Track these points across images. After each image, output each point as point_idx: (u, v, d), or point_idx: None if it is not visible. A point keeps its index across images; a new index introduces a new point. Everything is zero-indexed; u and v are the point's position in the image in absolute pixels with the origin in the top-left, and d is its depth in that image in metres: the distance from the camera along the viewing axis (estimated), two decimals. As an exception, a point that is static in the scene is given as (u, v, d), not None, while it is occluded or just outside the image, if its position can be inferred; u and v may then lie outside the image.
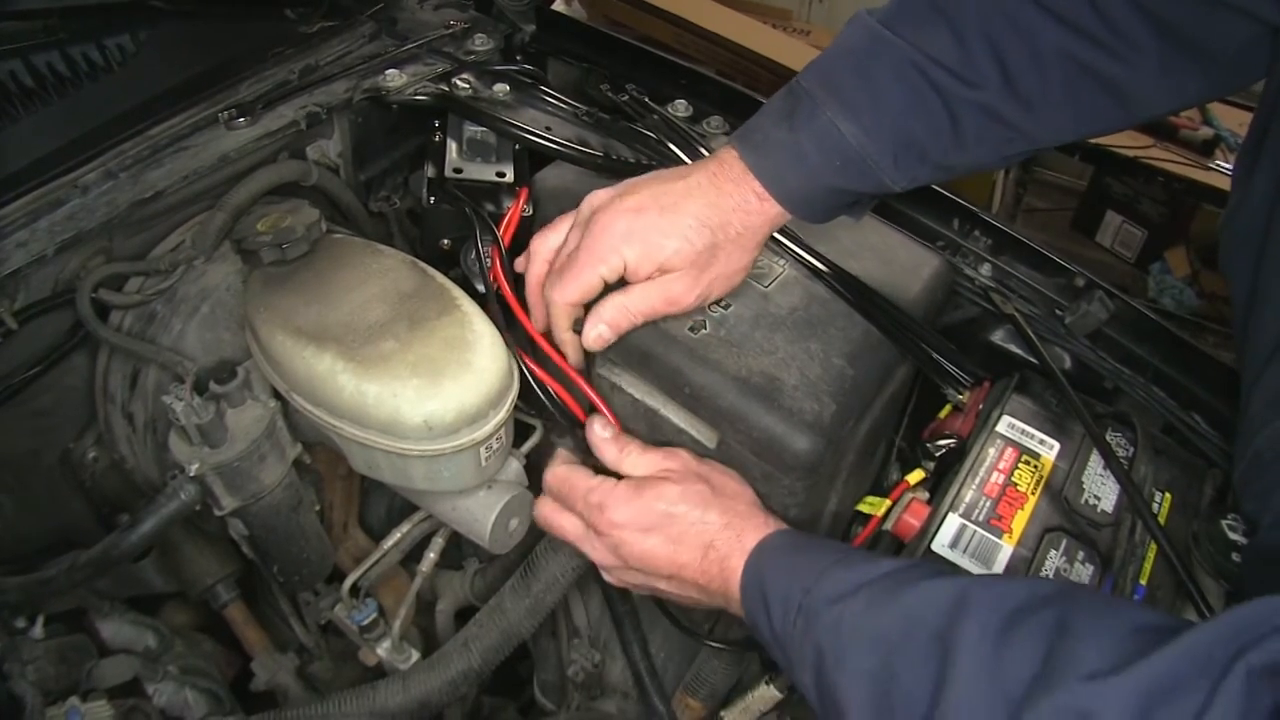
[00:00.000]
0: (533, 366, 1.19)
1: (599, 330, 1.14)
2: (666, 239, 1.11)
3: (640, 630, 1.24)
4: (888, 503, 1.18)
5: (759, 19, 3.98)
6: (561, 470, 1.19)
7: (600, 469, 1.18)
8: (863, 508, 1.22)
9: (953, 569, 1.07)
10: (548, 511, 1.19)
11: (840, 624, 0.90)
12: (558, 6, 2.06)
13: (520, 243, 1.31)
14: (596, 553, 1.15)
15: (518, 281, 1.25)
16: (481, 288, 1.28)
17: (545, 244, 1.21)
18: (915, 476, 1.21)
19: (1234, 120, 3.56)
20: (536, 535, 1.31)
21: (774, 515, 1.11)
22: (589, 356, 1.21)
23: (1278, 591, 0.97)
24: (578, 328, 1.17)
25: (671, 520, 1.09)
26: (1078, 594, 0.83)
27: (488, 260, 1.29)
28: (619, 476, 1.16)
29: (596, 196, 1.18)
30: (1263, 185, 1.07)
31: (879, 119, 1.07)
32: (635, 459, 1.16)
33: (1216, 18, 1.01)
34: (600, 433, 1.18)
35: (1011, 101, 1.07)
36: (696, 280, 1.13)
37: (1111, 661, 0.69)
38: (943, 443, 1.22)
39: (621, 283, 1.14)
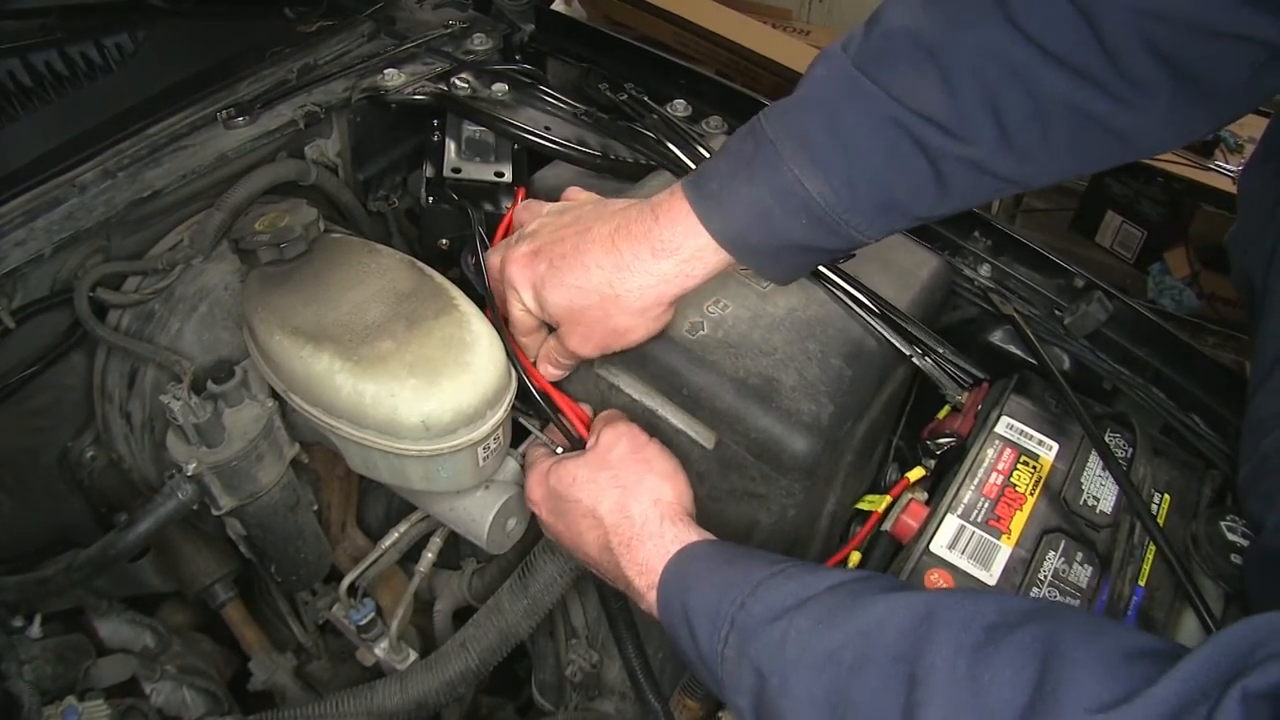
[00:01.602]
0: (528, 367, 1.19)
1: (546, 369, 1.18)
2: (556, 298, 1.08)
3: (635, 629, 1.24)
4: (888, 499, 1.18)
5: (759, 19, 3.97)
6: (528, 449, 1.22)
7: None
8: (862, 505, 1.22)
9: (956, 572, 1.06)
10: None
11: (784, 643, 0.82)
12: (557, 6, 2.06)
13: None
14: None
15: None
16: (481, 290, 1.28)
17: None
18: (916, 474, 1.21)
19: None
20: (534, 535, 1.30)
21: (681, 517, 1.05)
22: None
23: None
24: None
25: (568, 507, 1.08)
26: (1057, 611, 0.75)
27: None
28: None
29: (519, 248, 1.12)
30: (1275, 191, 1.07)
31: (853, 179, 0.95)
32: (595, 423, 1.16)
33: (1228, 51, 0.90)
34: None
35: (1006, 156, 0.95)
36: (584, 338, 1.11)
37: (1112, 692, 0.63)
38: (943, 440, 1.22)
39: None
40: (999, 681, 0.68)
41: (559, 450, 1.19)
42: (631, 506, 1.04)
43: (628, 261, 1.03)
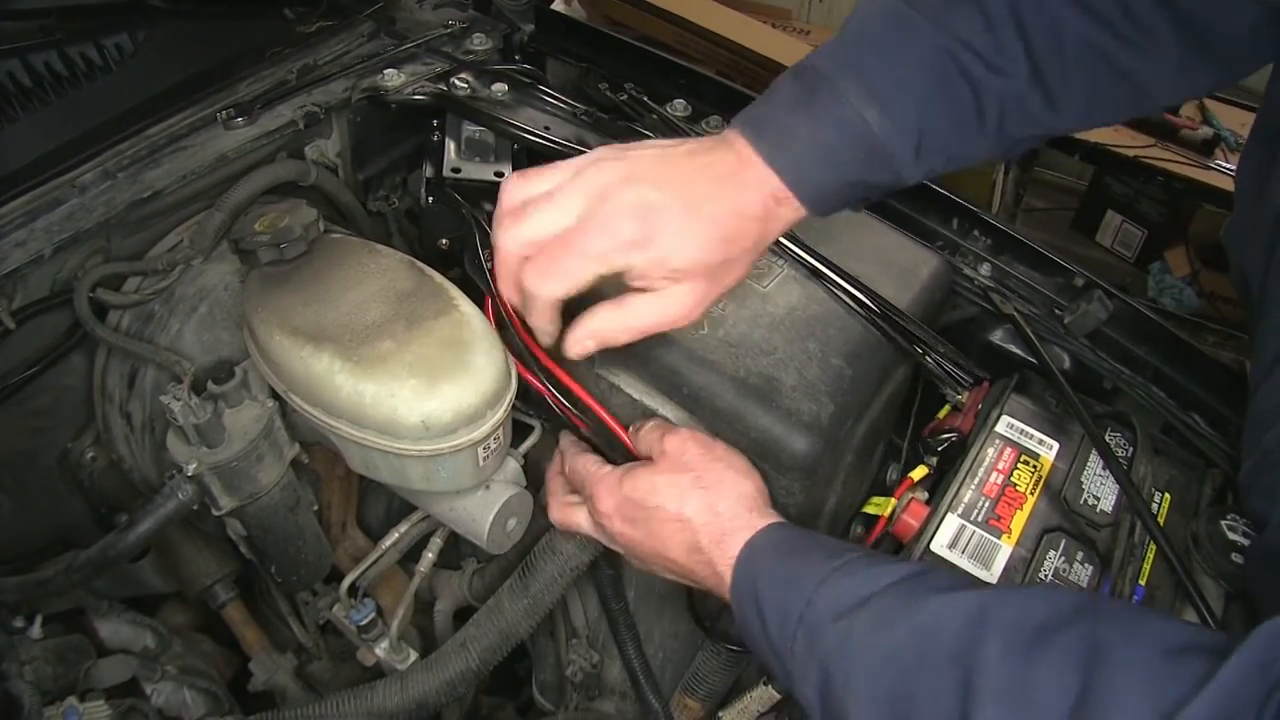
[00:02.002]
0: (547, 366, 1.19)
1: (585, 344, 1.04)
2: (685, 246, 0.97)
3: (634, 630, 1.24)
4: (893, 503, 1.18)
5: (759, 18, 3.98)
6: (572, 463, 1.17)
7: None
8: (869, 509, 1.22)
9: (957, 572, 1.06)
10: (557, 510, 1.18)
11: (847, 641, 0.84)
12: (557, 6, 2.06)
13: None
14: (605, 541, 1.14)
15: None
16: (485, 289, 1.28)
17: (522, 195, 1.04)
18: (919, 473, 1.21)
19: (1234, 120, 3.56)
20: (534, 535, 1.30)
21: (764, 509, 1.05)
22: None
23: None
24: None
25: (649, 514, 1.05)
26: (1101, 607, 0.77)
27: (488, 264, 1.29)
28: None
29: (604, 160, 1.01)
30: (1276, 184, 1.07)
31: (905, 108, 0.97)
32: (643, 435, 1.13)
33: (1230, 4, 0.99)
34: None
35: (1037, 91, 1.01)
36: (704, 297, 1.01)
37: (1154, 701, 0.65)
38: (944, 437, 1.22)
39: None
40: (1047, 685, 0.70)
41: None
42: (719, 504, 1.03)
43: (748, 209, 0.99)
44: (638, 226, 0.96)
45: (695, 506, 1.03)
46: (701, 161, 1.00)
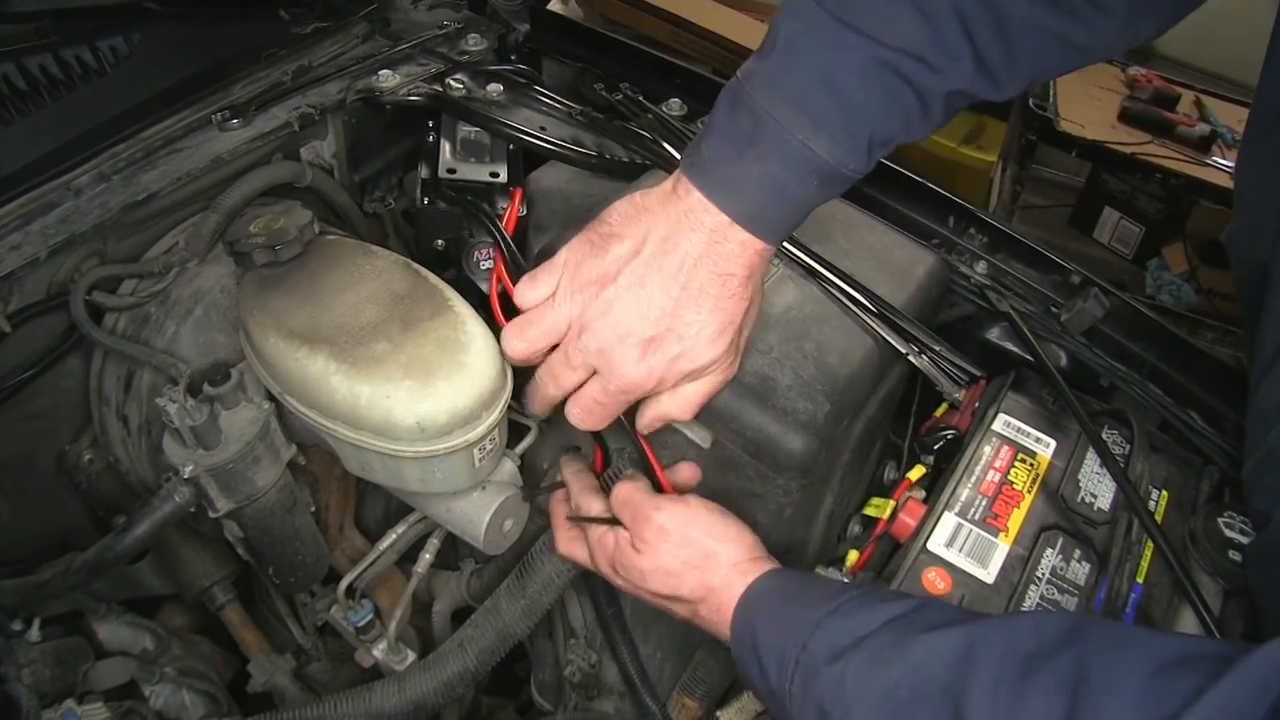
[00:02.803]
0: None
1: (654, 425, 1.11)
2: (701, 350, 1.02)
3: (628, 632, 1.24)
4: (892, 504, 1.18)
5: (756, 17, 3.98)
6: (576, 500, 1.18)
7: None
8: (869, 510, 1.21)
9: (955, 573, 1.06)
10: (564, 544, 1.18)
11: (843, 682, 0.86)
12: (553, 6, 2.06)
13: (517, 243, 1.31)
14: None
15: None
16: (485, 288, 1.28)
17: (529, 298, 1.09)
18: (916, 473, 1.21)
19: (1231, 116, 3.56)
20: (532, 536, 1.30)
21: (759, 560, 1.04)
22: None
23: None
24: None
25: (646, 595, 1.08)
26: (1089, 630, 0.77)
27: (489, 262, 1.29)
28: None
29: (580, 290, 1.04)
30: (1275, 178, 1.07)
31: (853, 129, 0.96)
32: (621, 501, 1.11)
33: None
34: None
35: (981, 78, 0.99)
36: (733, 358, 1.07)
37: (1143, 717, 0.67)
38: (940, 434, 1.22)
39: None
40: (1034, 714, 0.72)
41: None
42: (713, 579, 1.03)
43: (728, 289, 1.02)
44: (647, 369, 1.02)
45: (690, 587, 1.04)
46: (675, 262, 1.01)
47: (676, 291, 1.00)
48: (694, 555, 1.04)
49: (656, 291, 1.00)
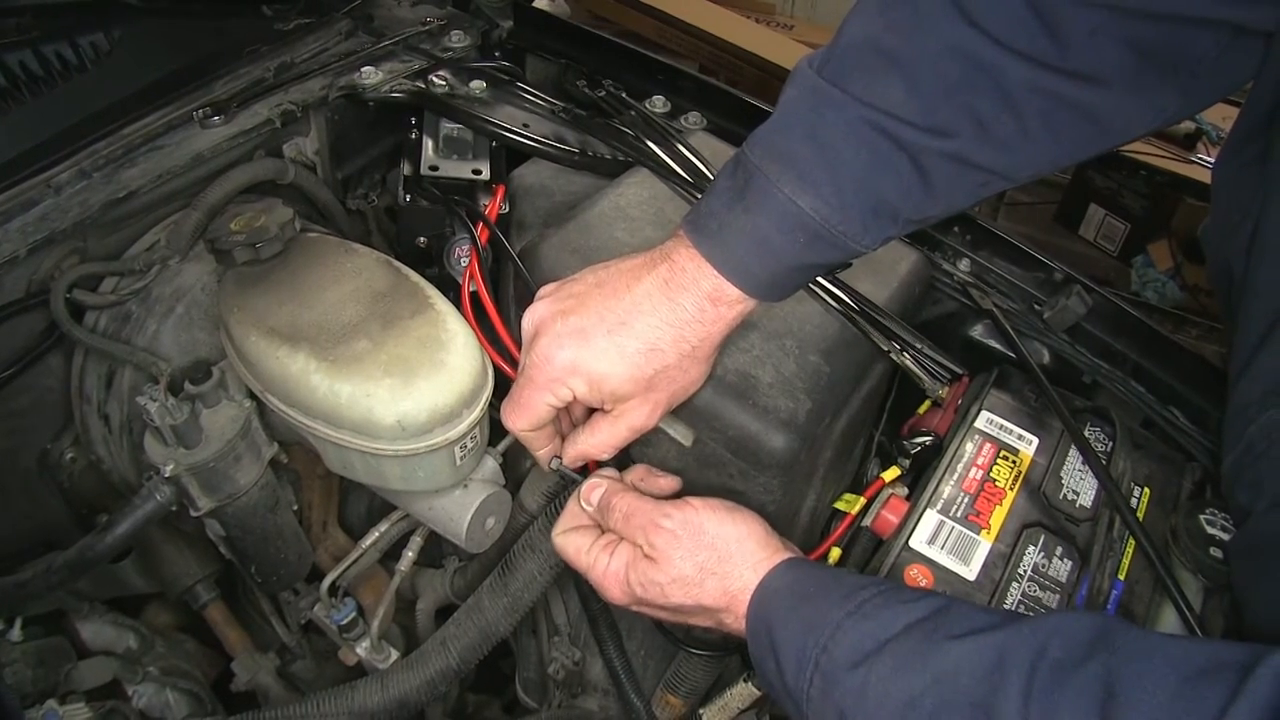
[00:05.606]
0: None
1: (577, 463, 1.14)
2: (613, 367, 1.03)
3: (615, 628, 1.24)
4: (863, 501, 1.18)
5: (742, 13, 3.98)
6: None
7: None
8: (840, 505, 1.22)
9: (972, 589, 1.06)
10: (572, 554, 1.14)
11: (865, 690, 0.84)
12: (539, 3, 2.06)
13: (498, 240, 1.30)
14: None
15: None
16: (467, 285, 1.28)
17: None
18: (891, 474, 1.21)
19: (1216, 114, 3.57)
20: (515, 533, 1.30)
21: (773, 550, 1.03)
22: None
23: (1270, 580, 0.99)
24: None
25: (666, 611, 1.07)
26: (1116, 640, 0.76)
27: (466, 260, 1.28)
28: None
29: (537, 311, 1.08)
30: (1251, 176, 1.07)
31: (841, 188, 0.96)
32: (615, 509, 1.10)
33: (1187, 34, 0.94)
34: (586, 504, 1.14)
35: (985, 147, 0.97)
36: (655, 406, 1.08)
37: None
38: (919, 440, 1.22)
39: None
40: None
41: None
42: (732, 583, 1.01)
43: (677, 315, 1.03)
44: (569, 355, 1.04)
45: (712, 595, 1.02)
46: (633, 279, 1.05)
47: (613, 313, 1.03)
48: (710, 559, 1.02)
49: (602, 301, 1.05)
